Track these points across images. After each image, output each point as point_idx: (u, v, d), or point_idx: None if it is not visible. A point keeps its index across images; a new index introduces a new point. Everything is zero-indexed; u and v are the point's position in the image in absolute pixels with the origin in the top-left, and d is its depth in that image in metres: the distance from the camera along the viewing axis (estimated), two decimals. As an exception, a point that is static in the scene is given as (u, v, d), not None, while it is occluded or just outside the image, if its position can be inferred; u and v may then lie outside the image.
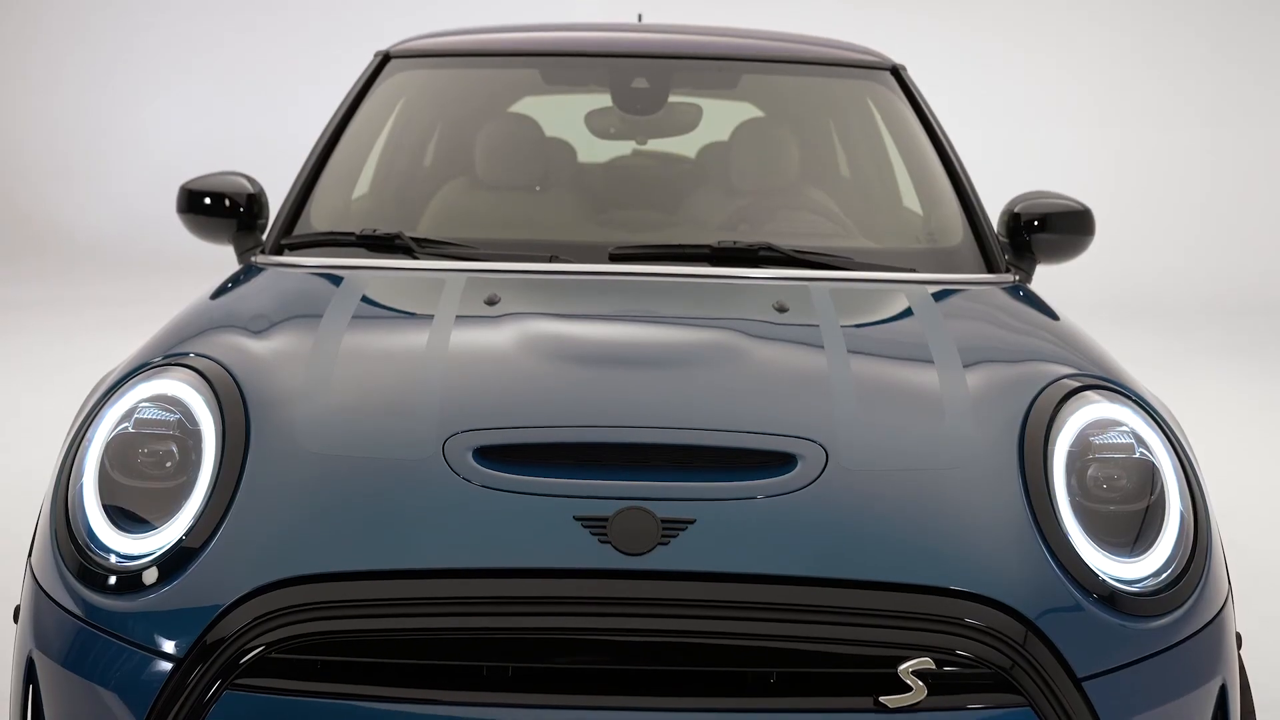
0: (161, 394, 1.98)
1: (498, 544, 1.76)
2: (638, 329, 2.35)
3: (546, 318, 2.29)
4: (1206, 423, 5.16)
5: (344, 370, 2.06)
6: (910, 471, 1.89)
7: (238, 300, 2.46)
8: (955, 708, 1.70)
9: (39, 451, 3.70)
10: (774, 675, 1.71)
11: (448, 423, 1.91)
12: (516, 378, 2.07)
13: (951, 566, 1.77)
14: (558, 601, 1.72)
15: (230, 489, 1.85)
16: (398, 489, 1.83)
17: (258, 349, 2.12)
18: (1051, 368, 2.12)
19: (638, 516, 1.77)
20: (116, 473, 1.91)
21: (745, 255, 2.61)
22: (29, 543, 2.01)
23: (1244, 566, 3.05)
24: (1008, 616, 1.74)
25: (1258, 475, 5.18)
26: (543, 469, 1.85)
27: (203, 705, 1.69)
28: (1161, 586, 1.86)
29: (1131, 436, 1.98)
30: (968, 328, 2.36)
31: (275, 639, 1.69)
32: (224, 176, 2.89)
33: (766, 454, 1.89)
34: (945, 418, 1.99)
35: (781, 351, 2.24)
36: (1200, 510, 1.96)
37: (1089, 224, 2.85)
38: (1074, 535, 1.86)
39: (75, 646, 1.82)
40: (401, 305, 2.49)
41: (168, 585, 1.79)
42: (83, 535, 1.87)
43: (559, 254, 2.61)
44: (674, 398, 2.01)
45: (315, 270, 2.59)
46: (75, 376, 3.73)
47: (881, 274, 2.61)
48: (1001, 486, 1.89)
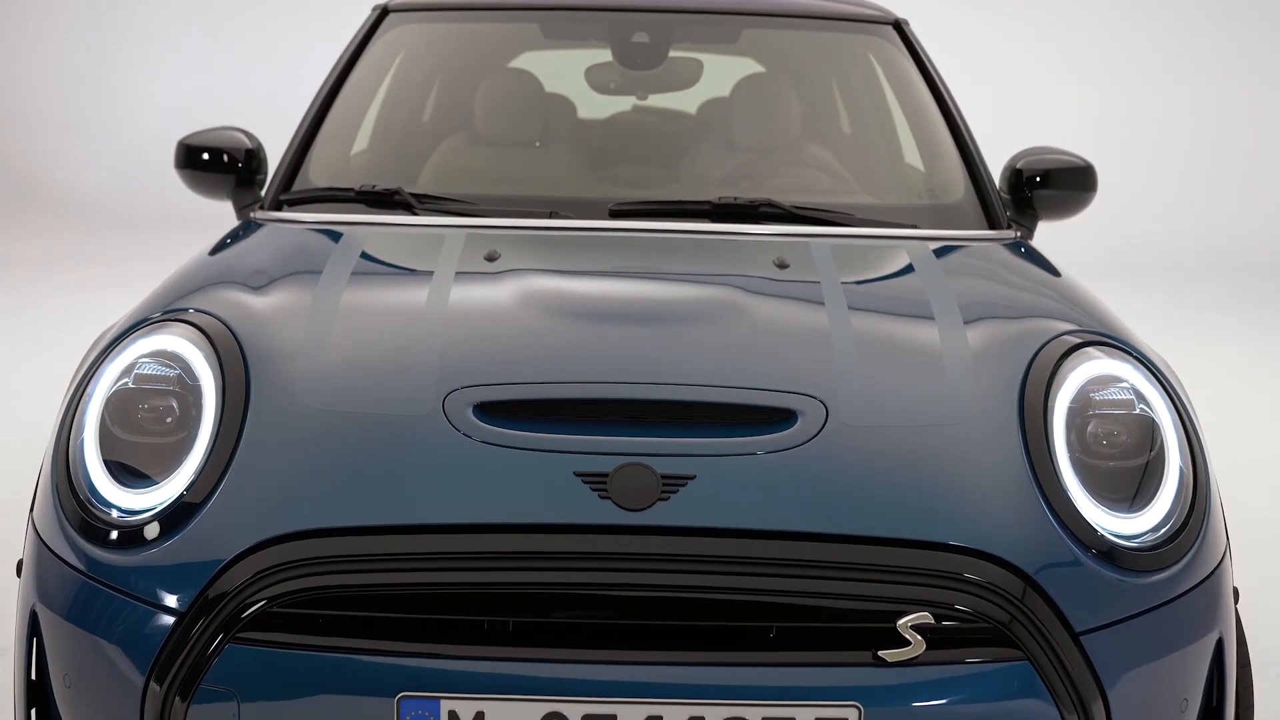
0: (161, 349, 1.98)
1: (498, 499, 1.77)
2: (638, 285, 2.35)
3: (546, 274, 2.28)
4: (1206, 379, 5.16)
5: (344, 326, 2.06)
6: (910, 427, 1.89)
7: (237, 256, 2.46)
8: (953, 662, 1.71)
9: (40, 407, 3.70)
10: (773, 630, 1.72)
11: (448, 379, 1.91)
12: (516, 334, 2.07)
13: (950, 522, 1.78)
14: (558, 556, 1.72)
15: (231, 444, 1.85)
16: (398, 445, 1.84)
17: (257, 305, 2.11)
18: (1052, 324, 2.12)
19: (638, 472, 1.78)
20: (117, 428, 1.91)
21: (746, 211, 2.60)
22: (30, 497, 2.01)
23: (1242, 522, 3.06)
24: (1006, 572, 1.75)
25: (1257, 431, 5.19)
26: (543, 425, 1.85)
27: (205, 658, 1.70)
28: (1160, 542, 1.87)
29: (1132, 393, 1.98)
30: (969, 284, 2.36)
31: (277, 593, 1.70)
32: (222, 132, 2.88)
33: (767, 410, 1.89)
34: (945, 374, 1.99)
35: (782, 308, 2.24)
36: (1199, 466, 1.97)
37: (1091, 180, 2.84)
38: (1073, 491, 1.86)
39: (78, 600, 1.83)
40: (401, 261, 2.49)
41: (169, 540, 1.80)
42: (84, 490, 1.88)
43: (559, 210, 2.60)
44: (674, 354, 2.01)
45: (314, 226, 2.58)
46: (75, 332, 3.73)
47: (883, 230, 2.61)
48: (1001, 442, 1.89)
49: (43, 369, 5.12)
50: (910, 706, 1.70)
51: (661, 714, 1.68)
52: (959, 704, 1.71)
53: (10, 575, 2.11)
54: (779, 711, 1.68)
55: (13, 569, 2.05)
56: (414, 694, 1.68)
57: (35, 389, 4.77)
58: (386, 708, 1.68)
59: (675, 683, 1.69)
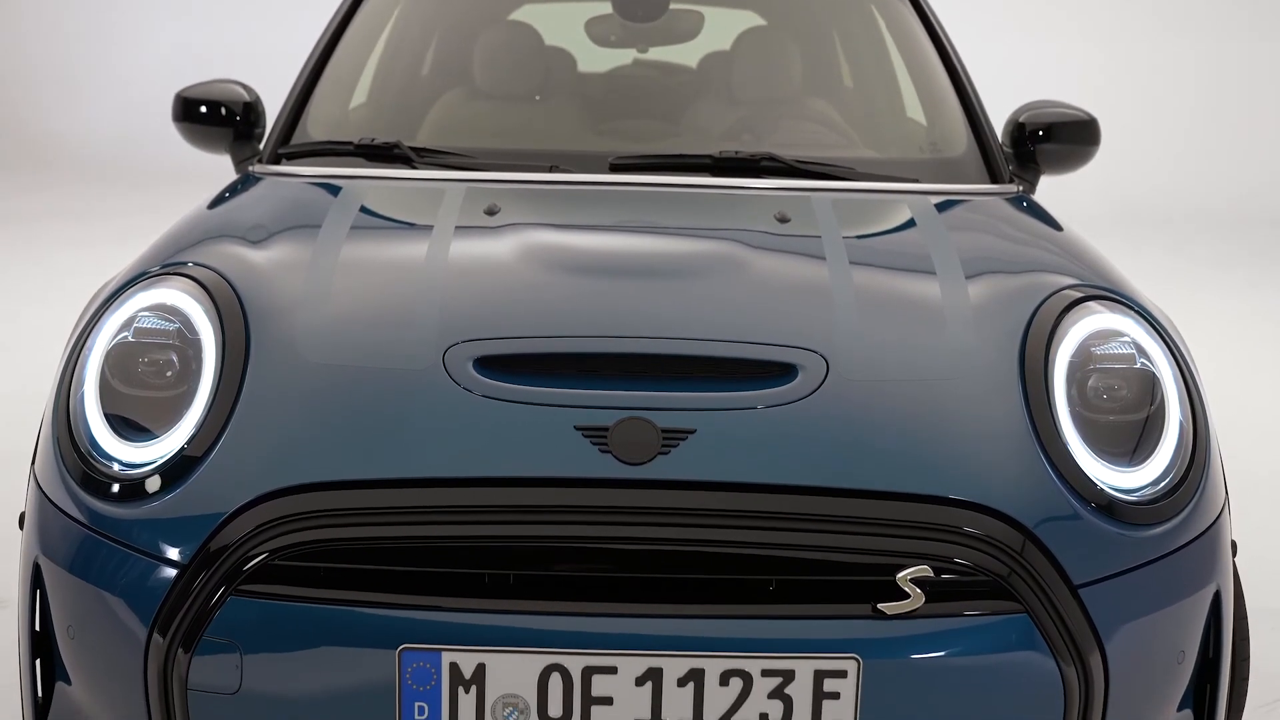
0: (160, 303, 1.98)
1: (498, 453, 1.77)
2: (638, 239, 2.34)
3: (547, 228, 2.28)
4: (1207, 333, 5.16)
5: (343, 280, 2.06)
6: (911, 382, 1.89)
7: (236, 210, 2.45)
8: (952, 614, 1.72)
9: (40, 360, 3.70)
10: (773, 583, 1.73)
11: (448, 333, 1.91)
12: (517, 288, 2.06)
13: (950, 476, 1.78)
14: (558, 510, 1.73)
15: (231, 398, 1.85)
16: (398, 399, 1.84)
17: (256, 258, 2.11)
18: (1054, 278, 2.12)
19: (638, 426, 1.78)
20: (117, 381, 1.91)
21: (747, 165, 2.59)
22: (32, 450, 2.02)
23: (1241, 475, 3.07)
24: (1006, 525, 1.75)
25: (1258, 385, 5.20)
26: (543, 379, 1.85)
27: (208, 611, 1.71)
28: (1159, 495, 1.87)
29: (1133, 347, 1.98)
30: (970, 239, 2.35)
31: (278, 546, 1.70)
32: (219, 84, 2.86)
33: (767, 364, 1.89)
34: (946, 328, 1.99)
35: (783, 262, 2.23)
36: (1199, 420, 1.97)
37: (1094, 134, 2.83)
38: (1073, 445, 1.87)
39: (80, 553, 1.83)
40: (400, 215, 2.48)
41: (170, 493, 1.80)
42: (85, 444, 1.88)
43: (559, 164, 2.59)
44: (675, 308, 2.00)
45: (313, 180, 2.57)
46: (74, 286, 3.73)
47: (884, 184, 2.60)
48: (1002, 397, 1.89)
49: (42, 322, 5.12)
50: (909, 659, 1.71)
51: (661, 666, 1.69)
52: (957, 656, 1.72)
53: (13, 527, 2.12)
54: (778, 664, 1.69)
55: (15, 521, 2.06)
56: (415, 646, 1.69)
57: (36, 342, 4.77)
58: (388, 659, 1.69)
59: (675, 635, 1.70)
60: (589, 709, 1.70)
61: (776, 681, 1.69)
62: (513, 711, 1.71)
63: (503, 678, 1.69)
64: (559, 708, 1.70)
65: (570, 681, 1.69)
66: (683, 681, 1.69)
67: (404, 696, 1.70)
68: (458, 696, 1.70)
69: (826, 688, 1.70)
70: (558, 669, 1.69)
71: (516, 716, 1.71)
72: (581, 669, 1.69)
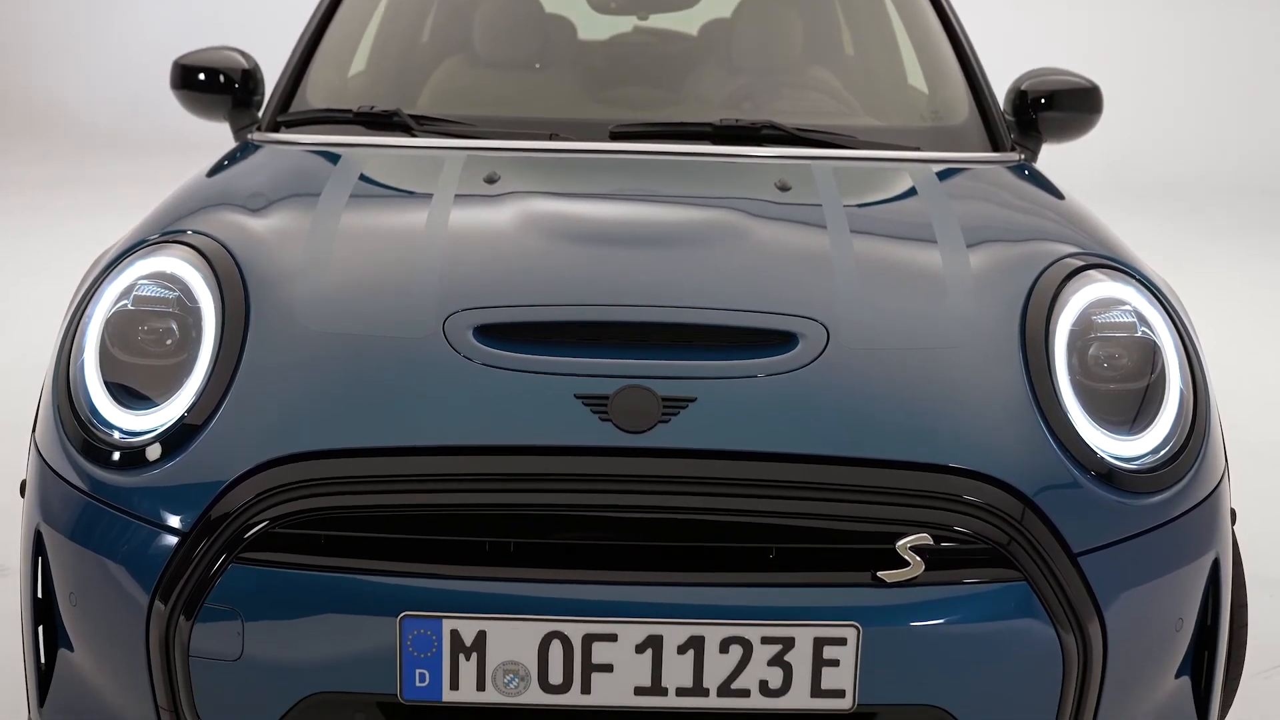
0: (160, 271, 1.98)
1: (499, 421, 1.77)
2: (639, 208, 2.33)
3: (547, 196, 2.27)
4: (1209, 303, 5.15)
5: (343, 249, 2.05)
6: (911, 350, 1.89)
7: (235, 178, 2.45)
8: (952, 582, 1.73)
9: (39, 328, 3.70)
10: (773, 551, 1.73)
11: (448, 301, 1.91)
12: (517, 256, 2.06)
13: (950, 444, 1.78)
14: (559, 478, 1.73)
15: (231, 366, 1.85)
16: (398, 367, 1.84)
17: (256, 227, 2.10)
18: (1055, 247, 2.11)
19: (638, 395, 1.78)
20: (117, 350, 1.91)
21: (747, 133, 2.58)
22: (32, 418, 2.02)
23: (1241, 444, 3.08)
24: (1005, 493, 1.76)
25: (1259, 354, 5.20)
26: (543, 347, 1.85)
27: (209, 578, 1.72)
28: (1159, 464, 1.87)
29: (1134, 315, 1.98)
30: (972, 207, 2.35)
31: (278, 514, 1.71)
32: (217, 51, 2.85)
33: (768, 333, 1.89)
34: (947, 297, 1.99)
35: (783, 231, 2.23)
36: (1200, 389, 1.97)
37: (1097, 101, 2.82)
38: (1073, 413, 1.87)
39: (81, 520, 1.84)
40: (400, 183, 2.47)
41: (171, 461, 1.80)
42: (85, 412, 1.88)
43: (559, 132, 2.58)
44: (675, 276, 2.00)
45: (312, 148, 2.57)
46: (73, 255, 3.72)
47: (885, 152, 2.59)
48: (1002, 365, 1.89)
49: (42, 290, 5.12)
50: (908, 626, 1.72)
51: (661, 634, 1.70)
52: (957, 624, 1.72)
53: (14, 495, 2.12)
54: (778, 631, 1.70)
55: (16, 488, 2.07)
56: (416, 614, 1.70)
57: (36, 310, 4.77)
58: (389, 627, 1.70)
59: (675, 603, 1.70)
60: (589, 676, 1.71)
61: (776, 649, 1.70)
62: (513, 679, 1.72)
63: (503, 645, 1.70)
64: (559, 675, 1.71)
65: (571, 649, 1.70)
66: (683, 649, 1.70)
67: (405, 664, 1.71)
68: (458, 664, 1.70)
69: (826, 655, 1.70)
70: (558, 636, 1.70)
71: (517, 683, 1.72)
72: (582, 636, 1.70)
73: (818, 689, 1.71)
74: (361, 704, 1.73)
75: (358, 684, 1.72)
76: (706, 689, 1.71)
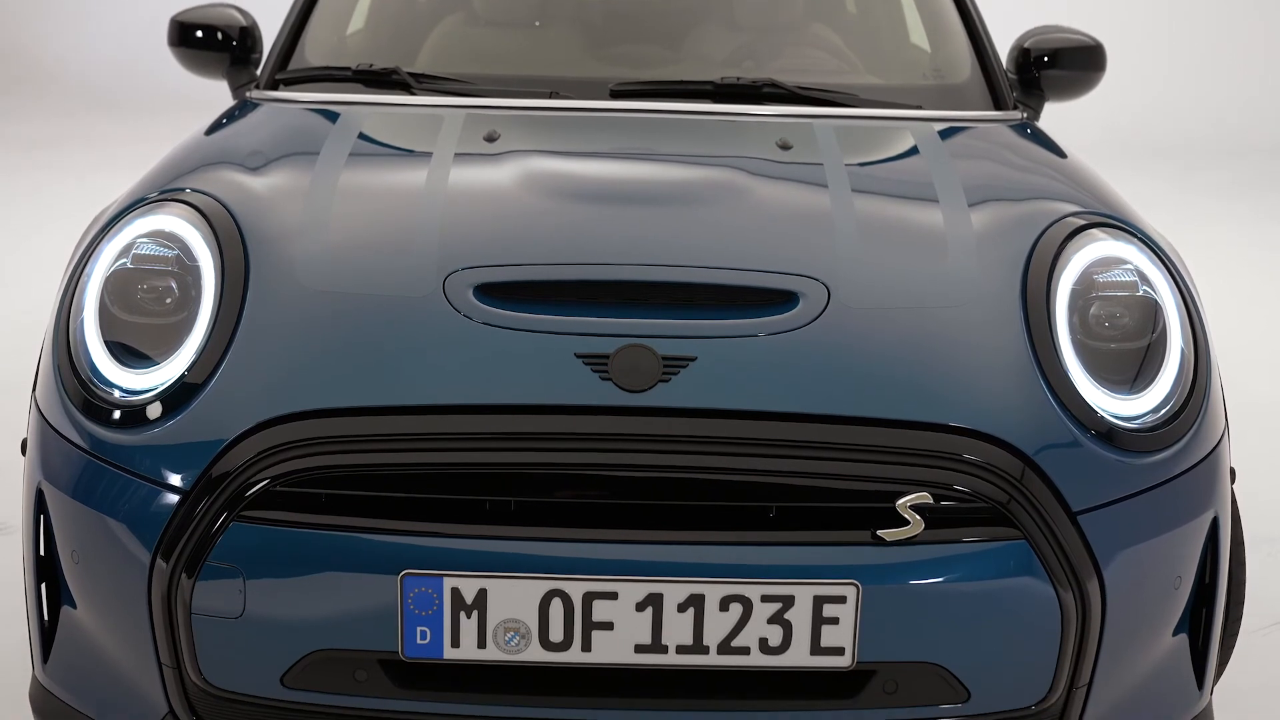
0: (159, 229, 1.97)
1: (499, 380, 1.77)
2: (639, 166, 2.32)
3: (547, 155, 2.26)
4: (1211, 261, 5.15)
5: (342, 207, 2.05)
6: (912, 309, 1.89)
7: (233, 136, 2.43)
8: (951, 541, 1.73)
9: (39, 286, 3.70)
10: (773, 510, 1.74)
11: (448, 260, 1.90)
12: (517, 215, 2.05)
13: (951, 403, 1.78)
14: (559, 437, 1.73)
15: (231, 325, 1.85)
16: (398, 326, 1.83)
17: (254, 185, 2.10)
18: (1057, 205, 2.11)
19: (639, 354, 1.78)
20: (116, 308, 1.91)
21: (749, 92, 2.57)
22: (33, 376, 2.02)
23: (1241, 403, 3.08)
24: (1005, 452, 1.76)
25: (1260, 314, 5.20)
26: (543, 306, 1.84)
27: (210, 536, 1.72)
28: (1159, 423, 1.87)
29: (1135, 274, 1.97)
30: (974, 166, 2.34)
31: (279, 473, 1.71)
32: (215, 8, 2.83)
33: (768, 291, 1.88)
34: (949, 256, 1.98)
35: (784, 190, 2.22)
36: (1201, 348, 1.97)
37: (1100, 59, 2.80)
38: (1074, 373, 1.87)
39: (83, 479, 1.84)
40: (399, 142, 2.46)
41: (171, 420, 1.80)
42: (85, 370, 1.88)
43: (559, 90, 2.57)
44: (676, 235, 1.99)
45: (311, 106, 2.55)
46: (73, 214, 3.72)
47: (887, 111, 2.58)
48: (1003, 324, 1.89)
49: (41, 249, 5.11)
50: (908, 585, 1.72)
51: (662, 592, 1.71)
52: (956, 582, 1.73)
53: (13, 454, 2.12)
54: (778, 589, 1.70)
55: (18, 446, 2.07)
56: (417, 572, 1.70)
57: (36, 268, 4.76)
58: (390, 585, 1.70)
59: (675, 561, 1.71)
60: (590, 634, 1.71)
61: (776, 607, 1.71)
62: (514, 636, 1.72)
63: (504, 603, 1.71)
64: (560, 632, 1.72)
65: (571, 607, 1.71)
66: (683, 607, 1.71)
67: (406, 621, 1.71)
68: (459, 621, 1.71)
69: (826, 613, 1.71)
70: (559, 594, 1.71)
71: (518, 641, 1.72)
72: (582, 594, 1.71)
73: (817, 647, 1.72)
74: (363, 661, 1.74)
75: (359, 641, 1.73)
76: (706, 647, 1.72)
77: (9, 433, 2.54)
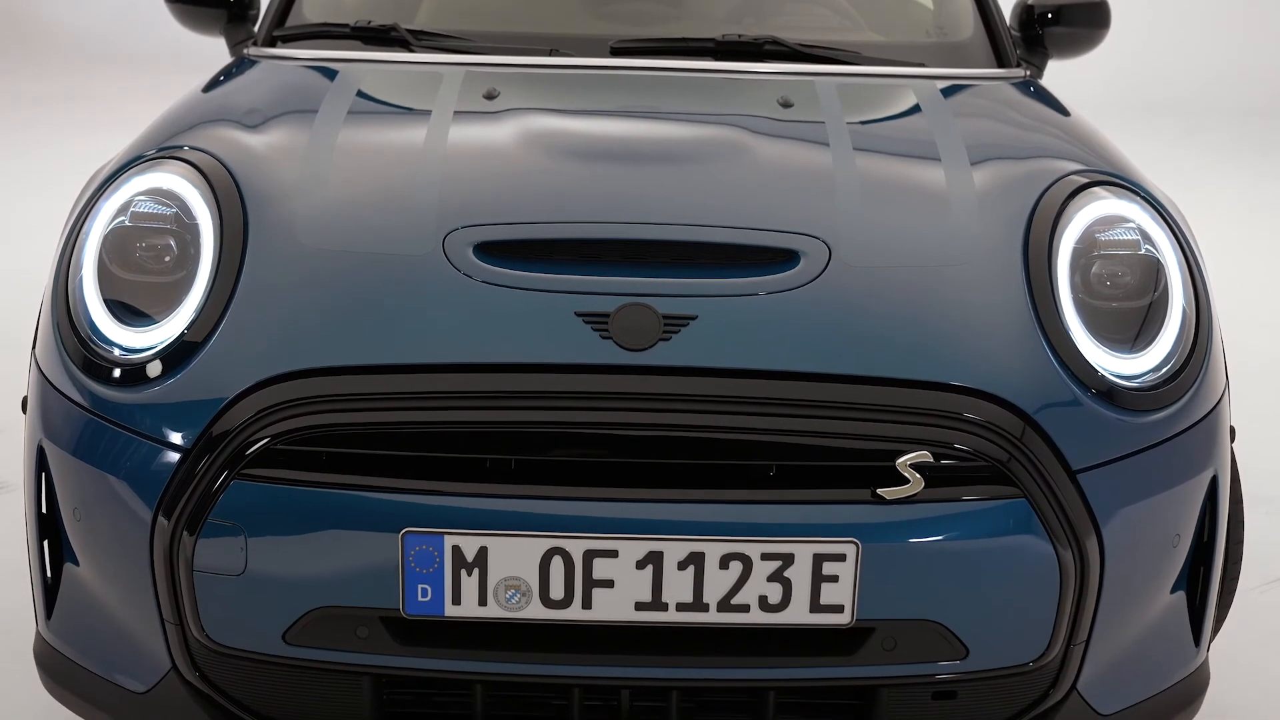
0: (157, 187, 1.96)
1: (499, 339, 1.77)
2: (640, 124, 2.31)
3: (547, 113, 2.25)
4: (1214, 221, 5.13)
5: (341, 165, 2.04)
6: (913, 268, 1.88)
7: (231, 93, 2.42)
8: (951, 500, 1.73)
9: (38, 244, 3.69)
10: (773, 468, 1.74)
11: (447, 218, 1.90)
12: (517, 173, 2.04)
13: (951, 362, 1.78)
14: (559, 395, 1.73)
15: (230, 284, 1.85)
16: (398, 284, 1.83)
17: (253, 143, 2.09)
18: (1060, 164, 2.10)
19: (639, 312, 1.78)
20: (115, 266, 1.90)
21: (750, 49, 2.55)
22: (32, 334, 2.02)
23: (1242, 362, 3.08)
24: (1006, 411, 1.76)
25: (1262, 274, 5.19)
26: (544, 265, 1.84)
27: (211, 494, 1.73)
28: (1160, 382, 1.87)
29: (1138, 233, 1.97)
30: (976, 125, 2.33)
31: (279, 431, 1.71)
32: None
33: (769, 250, 1.88)
34: (950, 215, 1.98)
35: (786, 148, 2.21)
36: (1202, 306, 1.96)
37: (1104, 16, 2.79)
38: (1075, 331, 1.86)
39: (84, 436, 1.84)
40: (398, 100, 2.44)
41: (172, 378, 1.80)
42: (85, 328, 1.88)
43: (559, 47, 2.55)
44: (676, 194, 1.99)
45: (309, 63, 2.54)
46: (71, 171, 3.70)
47: (889, 69, 2.56)
48: (1005, 283, 1.88)
49: (38, 207, 5.09)
50: (907, 543, 1.73)
51: (662, 550, 1.71)
52: (955, 540, 1.73)
53: (12, 413, 2.12)
54: (778, 547, 1.71)
55: (18, 405, 2.07)
56: (418, 530, 1.71)
57: (35, 226, 4.75)
58: (391, 543, 1.71)
59: (676, 519, 1.71)
60: (590, 591, 1.72)
61: (776, 565, 1.71)
62: (515, 594, 1.73)
63: (505, 561, 1.71)
64: (560, 590, 1.72)
65: (571, 564, 1.71)
66: (683, 565, 1.71)
67: (407, 579, 1.72)
68: (460, 579, 1.72)
69: (825, 571, 1.72)
70: (559, 552, 1.71)
71: (518, 598, 1.73)
72: (583, 552, 1.71)
73: (816, 604, 1.73)
74: (365, 618, 1.75)
75: (361, 599, 1.74)
76: (706, 604, 1.73)
77: (8, 391, 2.54)
